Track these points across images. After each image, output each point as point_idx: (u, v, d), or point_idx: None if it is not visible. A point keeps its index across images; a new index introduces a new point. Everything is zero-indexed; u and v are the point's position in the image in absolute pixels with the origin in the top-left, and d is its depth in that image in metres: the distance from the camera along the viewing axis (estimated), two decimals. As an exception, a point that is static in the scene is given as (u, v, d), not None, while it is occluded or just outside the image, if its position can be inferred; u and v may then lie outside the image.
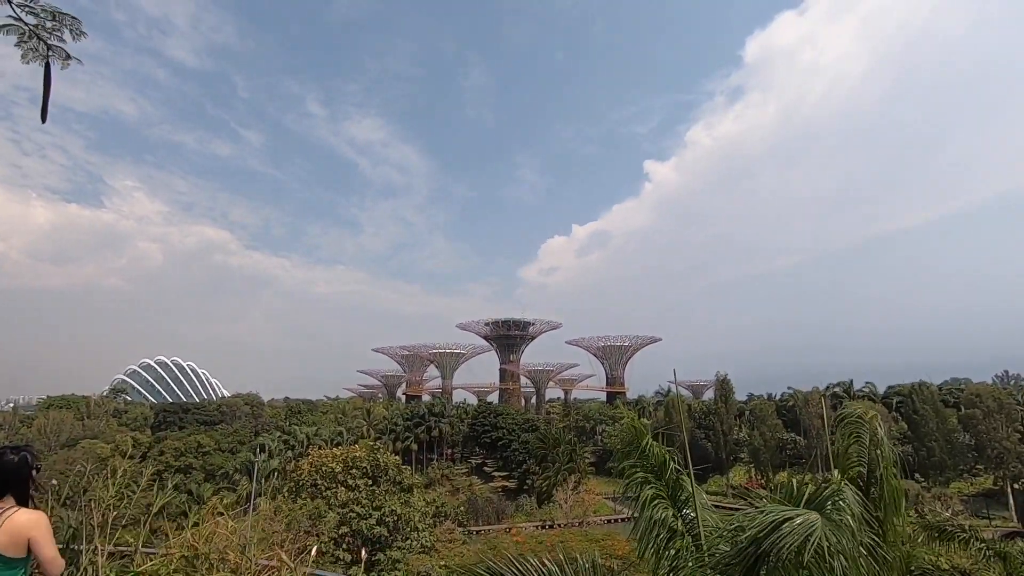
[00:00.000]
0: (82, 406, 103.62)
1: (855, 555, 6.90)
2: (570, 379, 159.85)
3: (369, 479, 43.73)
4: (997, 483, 74.29)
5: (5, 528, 3.20)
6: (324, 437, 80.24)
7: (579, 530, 61.14)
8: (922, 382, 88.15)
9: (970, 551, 10.78)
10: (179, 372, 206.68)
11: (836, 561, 6.78)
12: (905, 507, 8.80)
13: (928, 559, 13.36)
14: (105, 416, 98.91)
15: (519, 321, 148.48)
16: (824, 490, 6.58)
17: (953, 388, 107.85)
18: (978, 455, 77.15)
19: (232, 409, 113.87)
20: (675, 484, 8.41)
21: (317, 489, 41.89)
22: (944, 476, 75.60)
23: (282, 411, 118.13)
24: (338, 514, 38.12)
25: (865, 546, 7.27)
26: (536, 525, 68.73)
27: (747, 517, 6.60)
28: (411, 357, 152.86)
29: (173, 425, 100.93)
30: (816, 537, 5.71)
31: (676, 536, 7.82)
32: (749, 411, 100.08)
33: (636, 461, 8.45)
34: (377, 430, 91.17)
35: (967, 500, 71.30)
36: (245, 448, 75.25)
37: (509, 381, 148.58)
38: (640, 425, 8.58)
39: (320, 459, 44.73)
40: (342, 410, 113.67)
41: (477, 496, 74.76)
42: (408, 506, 41.88)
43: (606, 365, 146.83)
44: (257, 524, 2.90)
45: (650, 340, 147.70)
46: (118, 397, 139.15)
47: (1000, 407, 75.25)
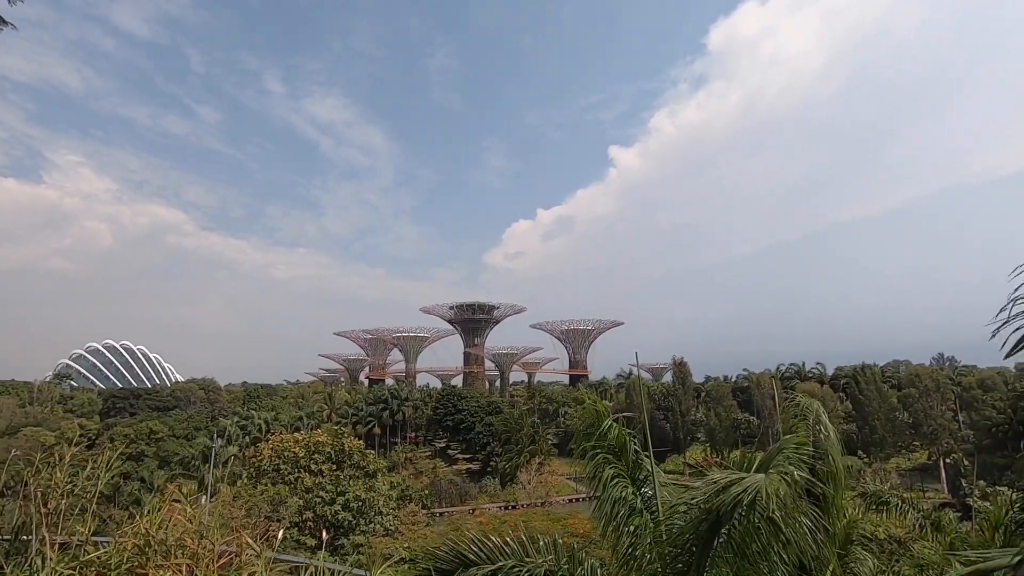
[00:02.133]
0: (24, 392, 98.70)
1: (800, 512, 7.30)
2: (534, 362, 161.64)
3: (333, 464, 43.36)
4: (931, 458, 79.28)
5: None
6: (284, 422, 78.91)
7: (542, 510, 62.28)
8: (865, 364, 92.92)
9: (907, 521, 11.50)
10: (129, 356, 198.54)
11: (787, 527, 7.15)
12: (847, 482, 9.35)
13: (868, 529, 14.24)
14: (50, 402, 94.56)
15: (484, 305, 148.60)
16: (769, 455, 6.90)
17: (894, 370, 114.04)
18: (915, 432, 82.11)
19: (187, 394, 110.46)
20: (635, 464, 8.66)
21: (279, 474, 41.30)
22: (884, 452, 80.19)
23: (240, 396, 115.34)
24: (303, 499, 37.73)
25: (809, 516, 7.68)
26: (500, 506, 69.65)
27: (702, 486, 6.91)
28: (374, 341, 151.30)
29: (123, 411, 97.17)
30: (761, 491, 6.01)
31: (635, 513, 8.07)
32: (706, 393, 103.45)
33: (597, 442, 8.65)
34: (339, 414, 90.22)
35: (904, 474, 75.96)
36: (201, 434, 73.27)
37: (473, 365, 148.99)
38: (601, 407, 8.77)
39: (282, 444, 44.05)
40: (302, 395, 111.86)
41: (441, 479, 75.13)
42: (372, 491, 41.78)
43: (569, 349, 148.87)
44: (216, 510, 2.84)
45: (613, 324, 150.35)
46: (63, 383, 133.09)
47: (937, 387, 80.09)
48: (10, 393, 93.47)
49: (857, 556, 10.39)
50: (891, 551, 13.93)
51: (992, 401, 75.37)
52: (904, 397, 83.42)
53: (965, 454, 70.58)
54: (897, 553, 13.95)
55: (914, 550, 14.15)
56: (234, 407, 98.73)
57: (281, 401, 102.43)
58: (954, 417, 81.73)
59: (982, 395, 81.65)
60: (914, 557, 13.22)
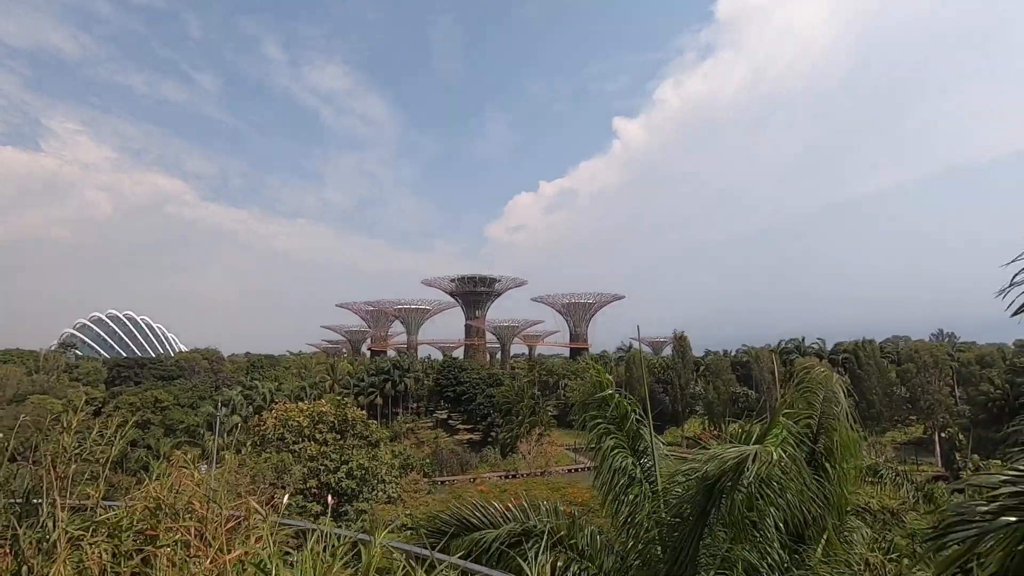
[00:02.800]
0: (30, 360, 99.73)
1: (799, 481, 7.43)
2: (535, 335, 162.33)
3: (337, 433, 43.99)
4: (927, 432, 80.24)
5: None
6: (287, 392, 79.79)
7: (542, 480, 63.47)
8: (865, 339, 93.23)
9: (901, 493, 11.69)
10: (132, 326, 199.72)
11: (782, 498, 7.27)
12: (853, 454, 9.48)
13: (862, 500, 14.50)
14: (56, 371, 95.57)
15: (485, 278, 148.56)
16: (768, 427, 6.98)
17: (894, 346, 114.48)
18: (912, 406, 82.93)
19: (190, 364, 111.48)
20: (635, 435, 8.75)
21: (284, 443, 41.95)
22: (880, 426, 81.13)
23: (243, 366, 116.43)
24: (307, 468, 38.41)
25: (810, 487, 7.80)
26: (500, 475, 70.92)
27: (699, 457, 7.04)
28: (376, 313, 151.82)
29: (128, 380, 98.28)
30: (753, 460, 6.13)
31: (635, 483, 8.20)
32: (705, 367, 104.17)
33: (599, 413, 8.73)
34: (342, 385, 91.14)
35: (899, 448, 77.00)
36: (206, 403, 74.22)
37: (474, 337, 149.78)
38: (605, 378, 8.82)
39: (286, 413, 44.61)
40: (305, 365, 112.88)
41: (442, 448, 76.32)
42: (375, 460, 42.48)
43: (570, 322, 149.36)
44: (222, 476, 2.89)
45: (614, 298, 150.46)
46: (68, 352, 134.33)
47: (935, 362, 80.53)
48: (16, 362, 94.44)
49: (851, 525, 10.59)
50: (884, 521, 14.21)
51: (990, 376, 75.89)
52: (902, 372, 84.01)
53: (961, 428, 71.40)
54: (890, 523, 14.23)
55: (906, 520, 14.42)
56: (238, 377, 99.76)
57: (284, 371, 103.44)
58: (951, 392, 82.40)
59: (980, 371, 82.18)
60: (906, 527, 13.49)
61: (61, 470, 4.00)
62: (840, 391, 9.09)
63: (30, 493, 4.28)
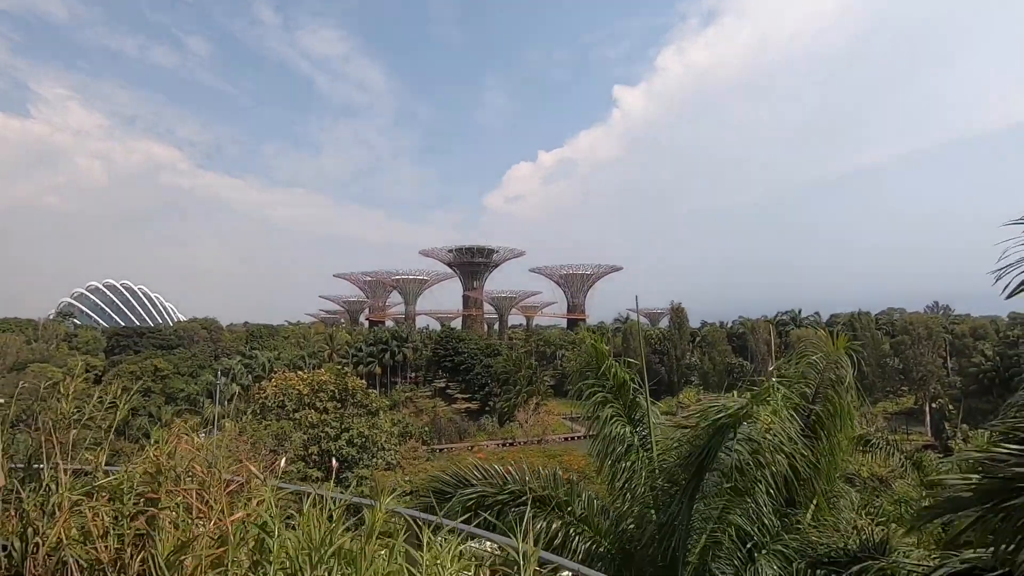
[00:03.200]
0: (28, 329, 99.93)
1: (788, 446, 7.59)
2: (532, 306, 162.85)
3: (337, 402, 44.52)
4: (917, 403, 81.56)
5: None
6: (286, 361, 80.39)
7: (538, 448, 64.59)
8: (861, 311, 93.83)
9: (890, 461, 11.92)
10: (130, 295, 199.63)
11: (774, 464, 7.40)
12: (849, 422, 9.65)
13: (851, 468, 14.81)
14: (55, 340, 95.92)
15: (483, 248, 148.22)
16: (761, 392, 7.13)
17: (889, 318, 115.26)
18: (904, 378, 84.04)
19: (189, 333, 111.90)
20: (631, 404, 8.86)
21: (284, 411, 42.47)
22: (872, 397, 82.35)
23: (242, 335, 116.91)
24: (308, 435, 39.00)
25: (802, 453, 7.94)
26: (498, 443, 72.13)
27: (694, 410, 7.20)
28: (374, 283, 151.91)
29: (128, 349, 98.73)
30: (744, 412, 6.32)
31: (631, 450, 8.33)
32: (701, 338, 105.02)
33: (596, 382, 8.82)
34: (340, 355, 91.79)
35: (890, 418, 78.33)
36: (205, 372, 74.79)
37: (472, 308, 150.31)
38: (602, 348, 8.88)
39: (286, 382, 45.03)
40: (304, 335, 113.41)
41: (440, 417, 77.40)
42: (375, 428, 43.11)
43: (568, 293, 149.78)
44: (222, 443, 2.94)
45: (611, 269, 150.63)
46: (66, 321, 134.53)
47: (929, 335, 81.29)
48: (14, 330, 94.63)
49: (841, 492, 10.83)
50: (873, 488, 14.55)
51: (982, 348, 76.71)
52: (897, 344, 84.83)
53: (951, 399, 72.50)
54: (879, 490, 14.57)
55: (895, 487, 14.75)
56: (237, 346, 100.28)
57: (283, 341, 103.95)
58: (944, 364, 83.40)
59: (973, 343, 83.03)
60: (895, 494, 13.81)
61: (61, 436, 4.03)
62: (846, 358, 9.19)
63: (32, 458, 4.33)
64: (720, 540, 7.63)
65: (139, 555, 2.57)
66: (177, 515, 2.62)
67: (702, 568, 7.63)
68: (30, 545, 3.78)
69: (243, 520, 2.64)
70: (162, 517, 2.58)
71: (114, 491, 2.77)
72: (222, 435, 5.77)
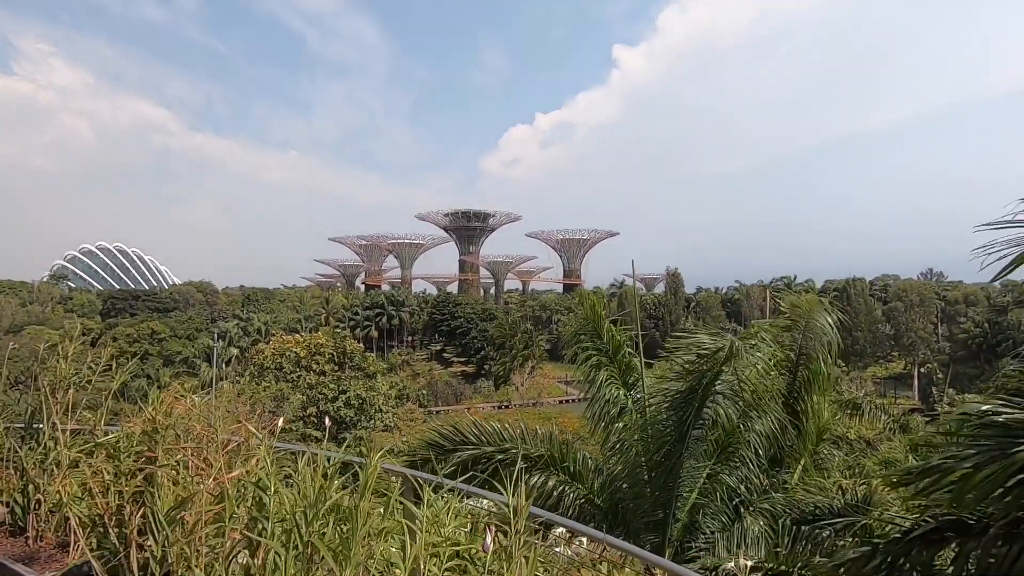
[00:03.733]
0: (23, 291, 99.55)
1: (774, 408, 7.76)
2: (528, 271, 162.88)
3: (335, 365, 44.92)
4: (907, 368, 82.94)
5: None
6: (282, 324, 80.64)
7: (534, 410, 65.71)
8: (856, 278, 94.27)
9: (878, 424, 12.19)
10: (124, 258, 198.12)
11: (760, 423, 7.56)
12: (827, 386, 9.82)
13: (840, 431, 15.17)
14: (50, 302, 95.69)
15: (479, 212, 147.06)
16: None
17: (883, 284, 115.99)
18: (895, 343, 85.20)
19: (185, 297, 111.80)
20: (626, 367, 8.97)
21: (281, 373, 42.87)
22: (863, 362, 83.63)
23: (238, 299, 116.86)
24: (306, 396, 39.50)
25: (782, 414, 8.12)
26: (494, 406, 73.30)
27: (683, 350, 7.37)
28: (369, 247, 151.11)
29: (123, 312, 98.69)
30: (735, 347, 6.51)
31: (624, 412, 8.48)
32: (696, 303, 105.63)
33: (592, 344, 8.90)
34: (337, 319, 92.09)
35: (879, 382, 79.81)
36: (202, 335, 75.06)
37: (468, 272, 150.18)
38: (600, 310, 8.93)
39: (282, 345, 45.30)
40: (300, 299, 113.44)
41: (437, 380, 78.38)
42: (372, 390, 43.65)
43: (564, 258, 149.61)
44: (220, 403, 2.97)
45: (608, 234, 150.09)
46: (61, 283, 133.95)
47: (921, 301, 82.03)
48: (8, 293, 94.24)
49: (827, 454, 11.13)
50: (860, 450, 14.94)
51: (972, 315, 77.58)
52: (889, 310, 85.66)
53: (940, 364, 73.75)
54: (865, 452, 14.96)
55: (880, 449, 15.14)
56: (233, 310, 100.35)
57: (279, 305, 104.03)
58: (934, 330, 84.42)
59: (965, 309, 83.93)
60: (881, 455, 14.18)
61: (60, 396, 4.07)
62: (827, 321, 9.28)
63: (31, 417, 4.38)
64: (709, 498, 7.85)
65: (139, 511, 2.62)
66: (176, 473, 2.66)
67: (692, 524, 7.88)
68: (31, 501, 3.86)
69: (241, 478, 2.69)
70: (161, 475, 2.62)
71: (113, 449, 2.80)
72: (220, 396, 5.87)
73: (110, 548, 2.77)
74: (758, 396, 7.87)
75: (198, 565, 2.51)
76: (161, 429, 2.70)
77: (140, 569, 2.61)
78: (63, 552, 3.57)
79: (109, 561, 2.73)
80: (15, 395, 5.30)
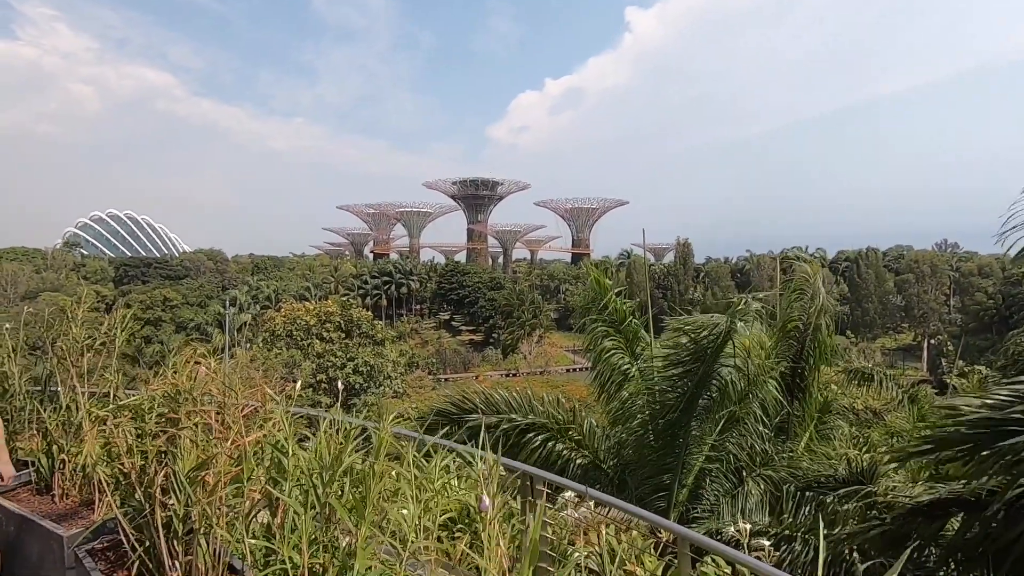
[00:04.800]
0: (37, 259, 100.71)
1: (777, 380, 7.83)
2: (537, 240, 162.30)
3: (343, 332, 45.43)
4: (916, 339, 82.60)
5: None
6: (292, 292, 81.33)
7: (541, 378, 66.40)
8: (870, 248, 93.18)
9: (886, 395, 12.21)
10: (135, 226, 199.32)
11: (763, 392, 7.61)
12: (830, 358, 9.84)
13: (847, 401, 15.22)
14: (64, 269, 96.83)
15: (487, 181, 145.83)
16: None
17: (898, 254, 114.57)
18: (905, 314, 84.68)
19: (196, 264, 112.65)
20: (633, 336, 9.00)
21: (292, 340, 43.45)
22: (873, 333, 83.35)
23: (248, 267, 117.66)
24: (315, 363, 40.11)
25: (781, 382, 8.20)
26: (501, 374, 74.13)
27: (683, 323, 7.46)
28: (377, 216, 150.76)
29: (135, 279, 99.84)
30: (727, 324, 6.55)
31: (630, 380, 8.56)
32: (705, 273, 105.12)
33: (599, 315, 8.92)
34: (345, 287, 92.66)
35: (888, 353, 79.64)
36: (213, 302, 75.94)
37: (476, 241, 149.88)
38: (605, 282, 8.92)
39: (293, 312, 45.78)
40: (309, 267, 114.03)
41: (445, 348, 79.16)
42: (380, 357, 44.21)
43: (573, 227, 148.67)
44: (236, 369, 3.03)
45: (617, 203, 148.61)
46: (73, 251, 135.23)
47: (934, 272, 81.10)
48: (22, 260, 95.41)
49: (833, 424, 11.18)
50: (866, 420, 15.00)
51: (986, 287, 76.70)
52: (901, 282, 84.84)
53: (950, 336, 73.35)
54: (871, 422, 15.02)
55: (887, 419, 15.19)
56: (243, 277, 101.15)
57: (288, 272, 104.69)
58: (946, 302, 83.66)
59: (979, 281, 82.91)
60: (888, 425, 14.24)
61: (75, 359, 4.16)
62: (821, 288, 9.25)
63: (47, 381, 4.50)
64: (714, 464, 7.97)
65: (162, 471, 2.71)
66: (196, 435, 2.73)
67: (696, 490, 8.02)
68: (56, 461, 4.00)
69: (259, 440, 2.76)
70: (182, 436, 2.69)
71: (136, 411, 2.88)
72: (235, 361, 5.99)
73: (134, 506, 2.87)
74: (761, 367, 7.90)
75: (219, 524, 2.59)
76: (183, 392, 2.76)
77: (164, 526, 2.71)
78: (88, 510, 3.71)
79: (134, 519, 2.84)
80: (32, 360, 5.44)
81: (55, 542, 3.22)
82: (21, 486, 4.12)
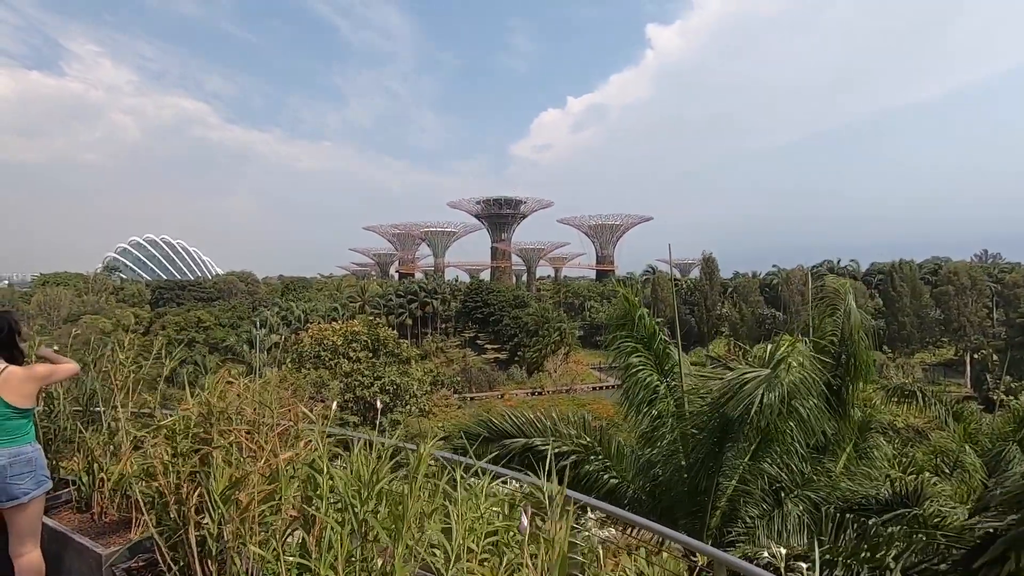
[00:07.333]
0: (79, 283, 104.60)
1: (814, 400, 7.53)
2: (560, 257, 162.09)
3: (369, 352, 45.86)
4: (958, 354, 79.31)
5: (7, 380, 3.31)
6: (320, 313, 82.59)
7: (567, 396, 65.75)
8: (903, 260, 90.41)
9: (928, 412, 11.73)
10: (170, 250, 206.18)
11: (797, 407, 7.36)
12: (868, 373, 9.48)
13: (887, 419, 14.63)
14: (103, 293, 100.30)
15: (511, 199, 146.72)
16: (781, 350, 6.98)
17: (935, 266, 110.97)
18: (944, 328, 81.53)
19: (228, 286, 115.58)
20: (662, 354, 8.87)
21: (320, 360, 44.02)
22: (910, 348, 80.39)
23: (277, 288, 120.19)
24: (343, 382, 40.51)
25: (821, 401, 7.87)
26: (527, 392, 73.62)
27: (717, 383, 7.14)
28: (402, 236, 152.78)
29: (171, 302, 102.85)
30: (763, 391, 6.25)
31: (659, 399, 8.40)
32: (733, 288, 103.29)
33: (626, 332, 8.82)
34: (372, 306, 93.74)
35: (928, 369, 76.62)
36: (245, 323, 77.62)
37: (500, 259, 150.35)
38: (633, 299, 8.83)
39: (321, 333, 46.45)
40: (337, 287, 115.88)
41: (471, 366, 79.08)
42: (406, 376, 44.42)
43: (597, 244, 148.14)
44: (267, 389, 3.09)
45: (641, 219, 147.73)
46: (113, 275, 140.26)
47: (973, 284, 78.14)
48: (66, 284, 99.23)
49: (873, 443, 10.75)
50: (907, 439, 14.39)
51: (1031, 299, 73.54)
52: (939, 295, 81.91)
53: (995, 350, 70.22)
54: (914, 441, 14.41)
55: (931, 438, 14.55)
56: (273, 298, 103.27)
57: (316, 293, 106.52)
58: (988, 314, 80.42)
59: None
60: (931, 445, 13.64)
61: (119, 381, 4.29)
62: (853, 304, 8.93)
63: (89, 400, 4.64)
64: (750, 486, 7.72)
65: (196, 490, 2.75)
66: (230, 454, 2.77)
67: (731, 512, 7.77)
68: (96, 479, 4.10)
69: (292, 459, 2.79)
70: (216, 455, 2.73)
71: (171, 431, 2.94)
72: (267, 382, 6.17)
73: (170, 525, 2.91)
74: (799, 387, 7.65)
75: (252, 542, 2.61)
76: (216, 412, 2.82)
77: (198, 545, 2.74)
78: (126, 528, 3.78)
79: (170, 537, 2.88)
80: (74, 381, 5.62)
81: (93, 560, 3.28)
82: (62, 504, 4.24)
